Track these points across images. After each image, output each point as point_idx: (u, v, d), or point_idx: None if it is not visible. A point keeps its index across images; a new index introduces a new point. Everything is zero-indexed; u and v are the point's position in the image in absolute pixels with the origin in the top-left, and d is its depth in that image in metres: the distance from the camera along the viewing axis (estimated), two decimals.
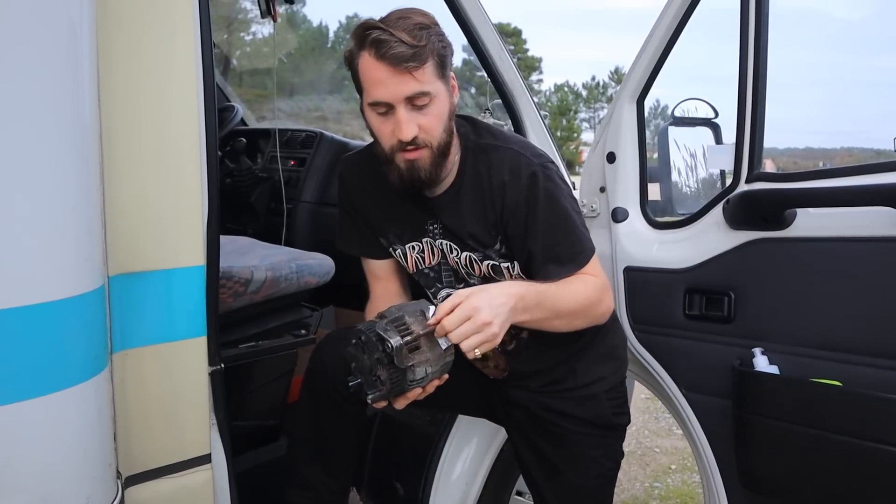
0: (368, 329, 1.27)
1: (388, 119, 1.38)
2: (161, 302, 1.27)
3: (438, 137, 1.40)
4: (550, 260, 1.46)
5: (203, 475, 1.36)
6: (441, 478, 1.96)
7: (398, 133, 1.37)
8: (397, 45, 1.31)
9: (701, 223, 1.87)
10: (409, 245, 1.59)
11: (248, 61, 17.94)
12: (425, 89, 1.35)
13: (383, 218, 1.60)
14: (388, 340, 1.23)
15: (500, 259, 1.52)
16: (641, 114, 2.02)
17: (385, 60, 1.32)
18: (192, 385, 1.34)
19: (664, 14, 1.85)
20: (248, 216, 2.85)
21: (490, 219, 1.49)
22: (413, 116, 1.36)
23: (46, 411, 1.03)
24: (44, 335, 1.01)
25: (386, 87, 1.34)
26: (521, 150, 1.49)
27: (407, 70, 1.32)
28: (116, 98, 1.17)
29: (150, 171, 1.24)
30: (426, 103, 1.36)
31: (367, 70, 1.35)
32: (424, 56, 1.33)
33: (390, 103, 1.35)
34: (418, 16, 1.36)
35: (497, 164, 1.47)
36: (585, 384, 1.64)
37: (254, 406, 2.00)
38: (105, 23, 1.13)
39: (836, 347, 1.60)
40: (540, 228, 1.46)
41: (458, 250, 1.54)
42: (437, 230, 1.55)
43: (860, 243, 1.57)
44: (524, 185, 1.45)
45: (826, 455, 1.56)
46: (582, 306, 1.46)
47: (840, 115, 65.12)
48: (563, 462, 1.65)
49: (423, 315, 1.29)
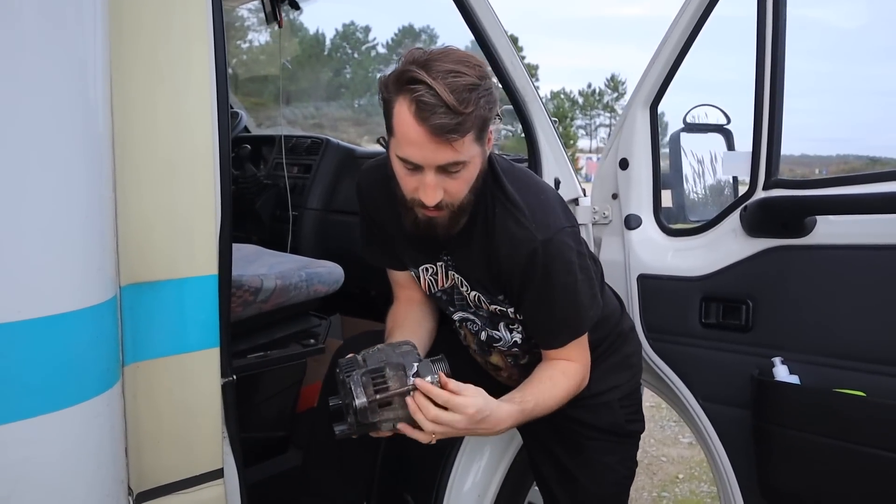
0: (347, 370, 1.29)
1: (414, 175, 1.31)
2: (173, 312, 1.24)
3: (463, 199, 1.35)
4: (541, 330, 1.51)
5: (216, 490, 1.33)
6: (453, 489, 1.92)
7: (422, 196, 1.31)
8: (442, 115, 1.21)
9: (717, 230, 1.85)
10: (422, 268, 1.56)
11: (245, 69, 17.96)
12: (461, 159, 1.28)
13: (398, 238, 1.56)
14: (355, 400, 1.26)
15: (506, 306, 1.51)
16: (655, 120, 2.00)
17: (425, 125, 1.22)
18: (205, 398, 1.30)
19: (679, 19, 1.83)
20: (252, 223, 2.82)
21: (494, 274, 1.46)
22: (441, 181, 1.30)
23: (57, 428, 1.00)
24: (54, 349, 0.98)
25: (420, 151, 1.26)
26: (527, 221, 1.41)
27: (447, 141, 1.23)
28: (129, 106, 1.14)
29: (162, 179, 1.20)
30: (458, 171, 1.30)
31: (403, 125, 1.26)
32: (468, 126, 1.24)
33: (420, 166, 1.29)
34: (469, 69, 1.25)
35: (501, 230, 1.42)
36: (599, 392, 1.62)
37: (263, 417, 1.96)
38: (118, 30, 1.10)
39: (858, 357, 1.57)
40: (533, 303, 1.45)
41: (468, 287, 1.52)
42: (450, 263, 1.52)
43: (883, 251, 1.54)
44: (521, 261, 1.40)
45: (849, 467, 1.54)
46: (564, 401, 1.50)
47: (835, 122, 65.56)
48: (578, 468, 1.64)
49: (404, 372, 1.29)
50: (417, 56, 1.26)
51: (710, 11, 1.79)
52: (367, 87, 47.74)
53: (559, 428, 1.63)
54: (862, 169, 13.81)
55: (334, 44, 45.92)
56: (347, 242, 2.60)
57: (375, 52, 51.44)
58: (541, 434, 1.68)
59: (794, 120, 1.75)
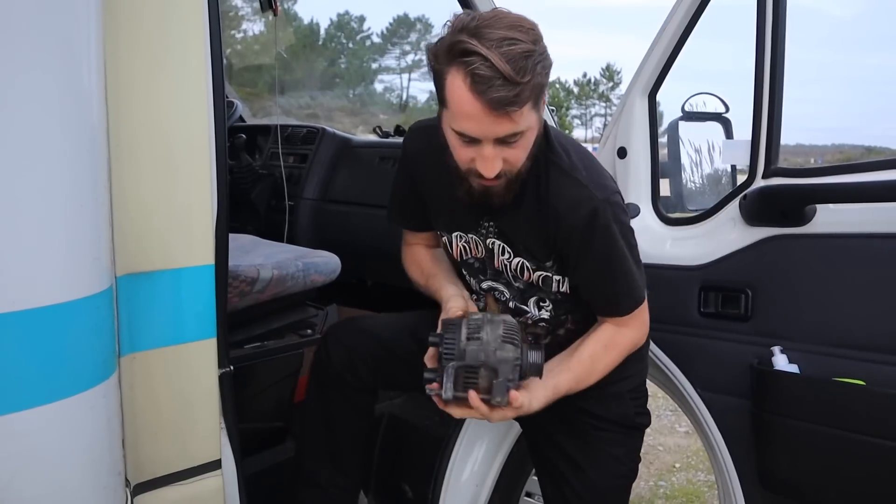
0: (449, 348, 1.28)
1: (471, 147, 1.26)
2: (170, 303, 1.23)
3: (519, 165, 1.30)
4: (601, 296, 1.48)
5: (213, 482, 1.32)
6: (451, 479, 1.91)
7: (480, 168, 1.26)
8: (500, 88, 1.15)
9: (715, 219, 1.84)
10: (455, 234, 1.53)
11: (239, 59, 17.86)
12: (520, 129, 1.23)
13: (437, 200, 1.51)
14: (444, 392, 1.27)
15: (552, 273, 1.47)
16: (654, 108, 1.98)
17: (482, 99, 1.17)
18: (202, 389, 1.30)
19: (677, 7, 1.82)
20: (248, 213, 2.81)
21: (546, 238, 1.42)
22: (500, 152, 1.25)
23: (54, 419, 0.99)
24: (49, 340, 0.97)
25: (478, 125, 1.21)
26: (586, 180, 1.38)
27: (506, 113, 1.18)
28: (124, 95, 1.13)
29: (158, 168, 1.19)
30: (516, 141, 1.25)
31: (458, 98, 1.20)
32: (526, 96, 1.18)
33: (478, 139, 1.24)
34: (523, 34, 1.18)
35: (556, 190, 1.38)
36: (611, 382, 1.58)
37: (260, 408, 1.96)
38: (112, 19, 1.08)
39: (858, 346, 1.57)
40: (591, 266, 1.42)
41: (511, 254, 1.47)
42: (492, 230, 1.47)
43: (883, 239, 1.54)
44: (582, 221, 1.36)
45: (849, 456, 1.53)
46: (602, 376, 1.49)
47: (831, 112, 65.70)
48: (585, 460, 1.61)
49: (496, 375, 1.29)
50: (467, 23, 1.19)
51: None
52: (362, 76, 47.60)
53: (566, 418, 1.60)
54: (858, 158, 13.86)
55: (329, 33, 45.74)
56: (344, 232, 2.59)
57: (370, 42, 51.28)
58: (546, 425, 1.65)
59: (790, 109, 1.74)
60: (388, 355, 1.62)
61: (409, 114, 44.34)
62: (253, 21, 18.94)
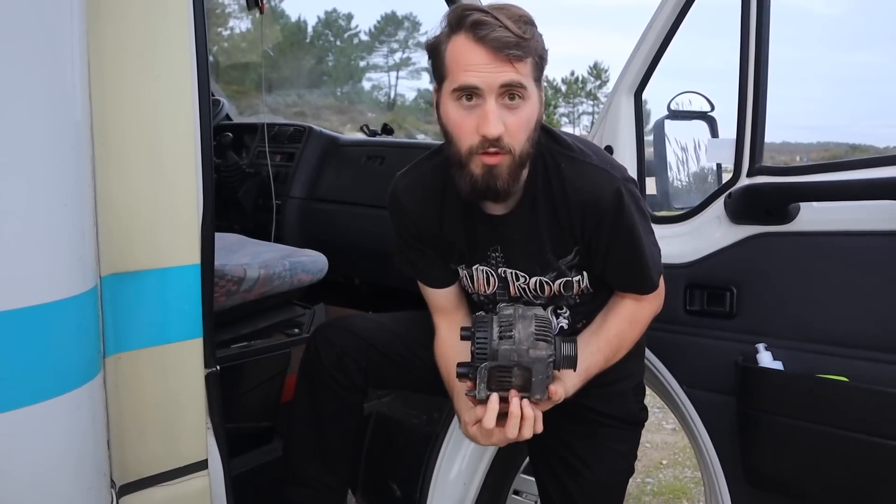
0: (481, 348, 1.25)
1: (473, 112, 1.23)
2: (155, 302, 1.22)
3: (522, 144, 1.27)
4: (625, 276, 1.48)
5: (200, 482, 1.32)
6: (439, 477, 1.92)
7: (483, 127, 1.22)
8: (501, 30, 1.18)
9: (701, 217, 1.84)
10: (474, 267, 1.50)
11: (226, 57, 17.76)
12: (523, 82, 1.22)
13: (442, 240, 1.49)
14: (477, 392, 1.26)
15: (571, 273, 1.46)
16: (640, 107, 1.99)
17: (485, 43, 1.18)
18: (188, 389, 1.29)
19: (663, 5, 1.82)
20: (235, 212, 2.80)
21: (571, 234, 1.40)
22: (502, 113, 1.23)
23: (37, 421, 0.98)
24: (33, 340, 0.97)
25: (479, 72, 1.20)
26: (601, 164, 1.38)
27: (508, 58, 1.19)
28: (108, 93, 1.12)
29: (143, 167, 1.19)
30: (518, 103, 1.24)
31: (458, 52, 1.21)
32: (528, 50, 1.21)
33: (481, 92, 1.21)
34: (521, 10, 1.24)
35: (574, 181, 1.36)
36: (615, 380, 1.60)
37: (247, 407, 1.95)
38: (96, 16, 1.08)
39: (841, 342, 1.58)
40: (621, 247, 1.40)
41: (526, 277, 1.46)
42: (500, 259, 1.46)
43: (866, 237, 1.55)
44: (610, 205, 1.35)
45: (833, 451, 1.55)
46: (634, 343, 1.53)
47: (816, 110, 66.04)
48: (591, 456, 1.62)
49: (529, 375, 1.27)
50: (465, 3, 1.25)
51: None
52: (350, 74, 47.45)
53: (573, 415, 1.58)
54: (843, 156, 13.91)
55: (316, 31, 45.55)
56: (331, 231, 2.59)
57: (358, 40, 51.11)
58: (552, 422, 1.65)
59: (776, 107, 1.75)
60: (378, 355, 1.61)
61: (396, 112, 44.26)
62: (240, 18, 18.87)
